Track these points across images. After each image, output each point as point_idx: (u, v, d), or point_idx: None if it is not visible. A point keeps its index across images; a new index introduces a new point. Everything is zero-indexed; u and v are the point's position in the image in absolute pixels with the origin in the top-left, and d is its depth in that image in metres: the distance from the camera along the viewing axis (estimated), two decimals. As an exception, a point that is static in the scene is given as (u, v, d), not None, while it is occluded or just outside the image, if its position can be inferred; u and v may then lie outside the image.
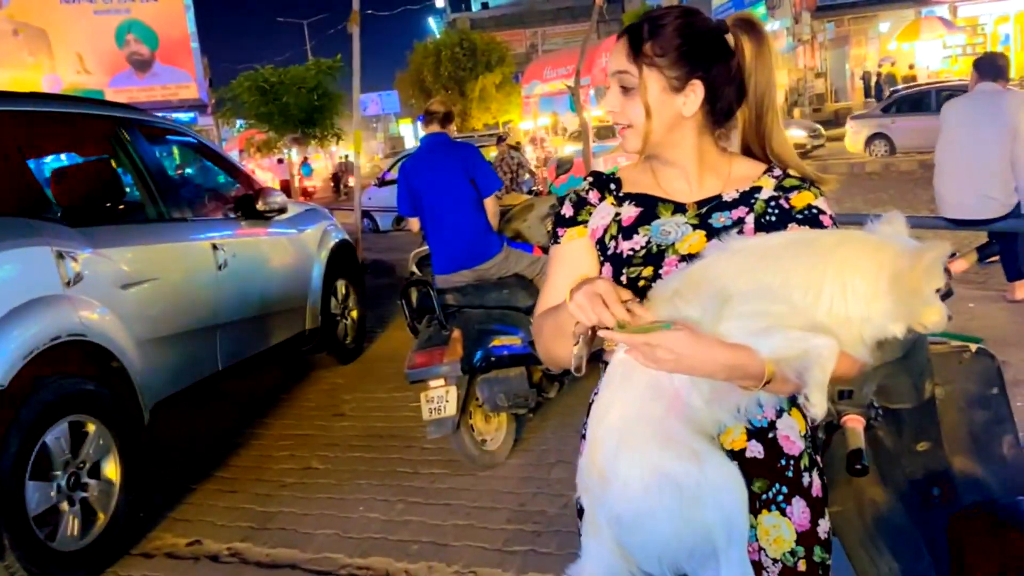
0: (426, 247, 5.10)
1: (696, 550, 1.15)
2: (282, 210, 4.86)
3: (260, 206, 4.65)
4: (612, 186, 1.37)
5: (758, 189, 1.30)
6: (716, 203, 1.30)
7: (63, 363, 2.98)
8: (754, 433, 1.25)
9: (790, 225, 1.25)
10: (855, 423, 1.59)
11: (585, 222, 1.36)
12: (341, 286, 5.50)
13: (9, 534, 2.62)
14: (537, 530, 3.00)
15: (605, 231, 1.34)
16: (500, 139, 10.81)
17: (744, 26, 1.28)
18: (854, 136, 16.04)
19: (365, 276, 6.67)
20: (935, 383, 1.73)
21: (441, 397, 3.38)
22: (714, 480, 1.13)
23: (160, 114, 5.44)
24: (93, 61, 19.24)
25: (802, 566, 1.25)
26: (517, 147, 10.99)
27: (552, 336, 1.28)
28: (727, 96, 1.27)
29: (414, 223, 4.15)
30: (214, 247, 4.11)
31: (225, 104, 23.04)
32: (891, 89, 19.19)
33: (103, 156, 4.14)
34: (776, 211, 1.27)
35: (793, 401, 1.26)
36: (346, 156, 25.97)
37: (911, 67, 22.95)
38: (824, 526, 1.28)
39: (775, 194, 1.29)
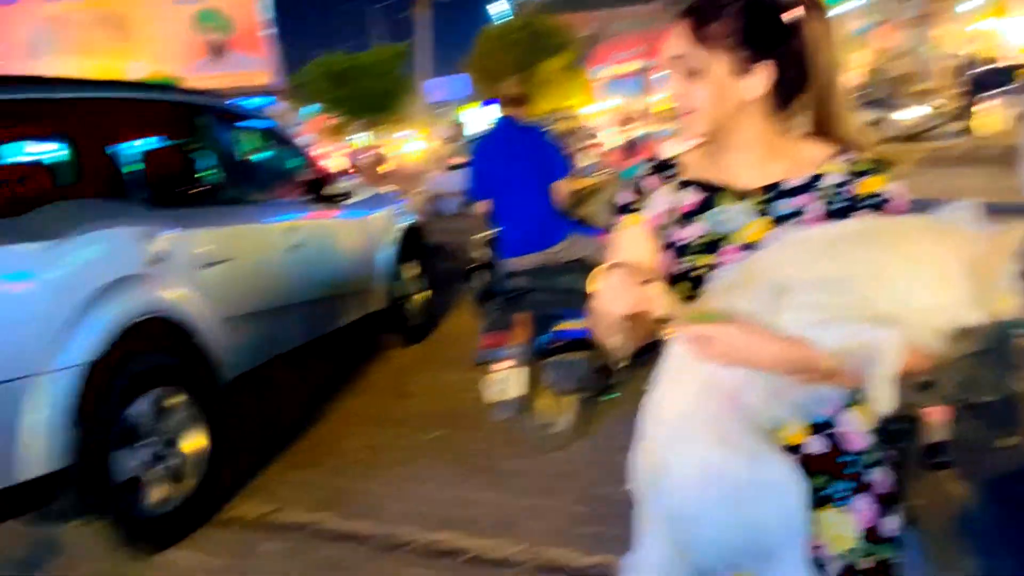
0: (492, 231, 5.13)
1: (752, 548, 1.13)
2: (351, 194, 4.96)
3: (331, 190, 4.76)
4: (672, 171, 1.34)
5: (825, 174, 1.24)
6: (780, 189, 1.25)
7: (149, 339, 3.12)
8: (814, 428, 1.21)
9: (857, 212, 1.20)
10: (937, 416, 1.54)
11: (641, 209, 1.34)
12: (408, 268, 5.59)
13: (101, 498, 2.78)
14: (604, 513, 3.00)
15: (662, 219, 1.31)
16: (569, 133, 10.76)
17: (808, 4, 1.22)
18: (1005, 113, 13.84)
19: (432, 259, 6.76)
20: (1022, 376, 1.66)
21: (506, 379, 3.42)
22: (770, 478, 1.11)
23: (235, 100, 5.60)
24: (172, 49, 19.90)
25: (865, 564, 1.22)
26: (575, 133, 10.91)
27: (597, 326, 1.25)
28: (793, 77, 1.22)
29: (483, 206, 4.19)
30: (287, 229, 4.23)
31: (298, 90, 23.57)
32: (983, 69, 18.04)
33: (183, 141, 4.30)
34: (843, 197, 1.22)
35: (859, 395, 1.19)
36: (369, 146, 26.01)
37: (995, 47, 21.73)
38: (891, 524, 1.24)
39: (843, 179, 1.23)
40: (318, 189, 4.75)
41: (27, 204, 2.97)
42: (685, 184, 1.31)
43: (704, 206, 1.29)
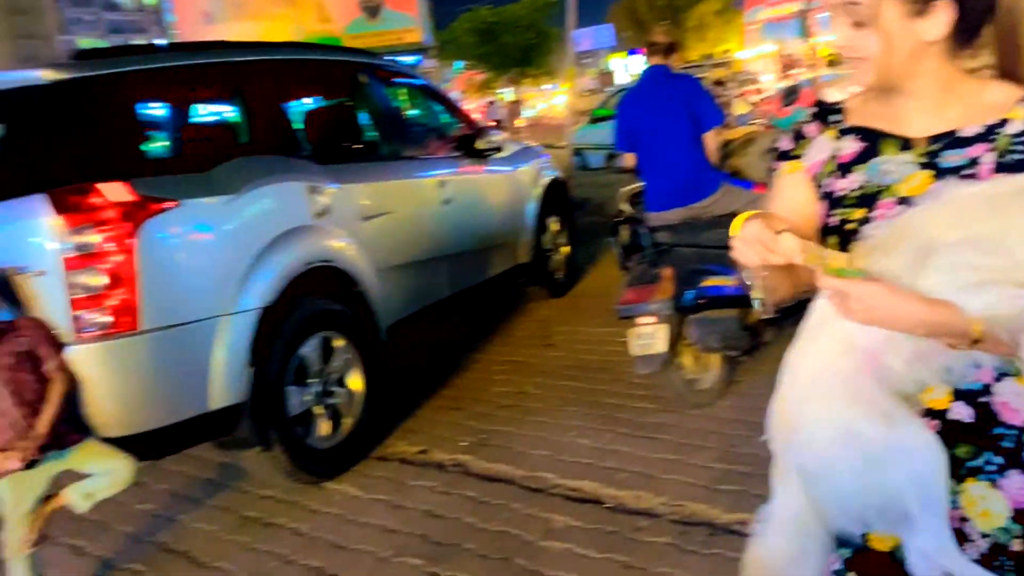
0: (638, 184, 5.06)
1: (885, 511, 1.10)
2: (500, 149, 5.05)
3: (480, 145, 4.87)
4: (835, 117, 1.26)
5: (1006, 122, 1.12)
6: (952, 139, 1.14)
7: (315, 286, 3.37)
8: (963, 395, 1.13)
9: None
10: None
11: (800, 156, 1.28)
12: (553, 222, 5.65)
13: (275, 430, 3.07)
14: (748, 472, 2.97)
15: (822, 167, 1.24)
16: (717, 82, 10.32)
17: None
18: None
19: (575, 213, 6.78)
20: None
21: (650, 334, 3.41)
22: (904, 443, 1.08)
23: (388, 58, 5.81)
24: (331, 10, 20.69)
25: (1017, 545, 1.13)
26: (729, 80, 10.42)
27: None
28: (977, 9, 1.10)
29: (629, 158, 4.13)
30: (440, 184, 4.38)
31: (446, 46, 24.00)
32: None
33: (344, 99, 4.53)
34: (1020, 149, 1.10)
35: (1020, 364, 1.09)
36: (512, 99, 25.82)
37: None
38: None
39: (1012, 126, 1.11)
40: (469, 144, 4.87)
41: (210, 161, 3.26)
42: (847, 131, 1.23)
43: (865, 155, 1.21)
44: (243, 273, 2.99)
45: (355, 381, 3.50)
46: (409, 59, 20.35)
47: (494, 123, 8.03)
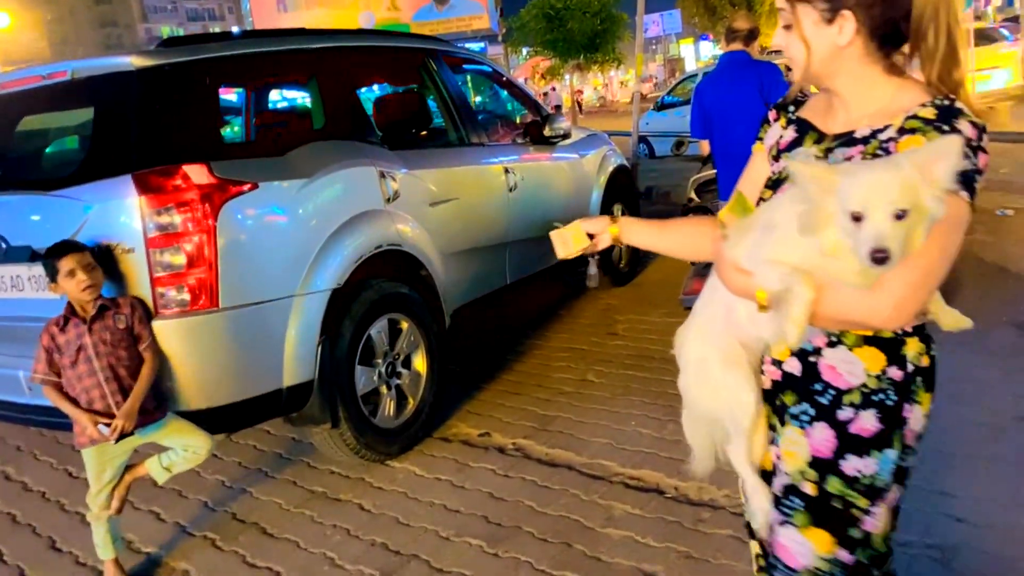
0: (706, 172, 4.99)
1: (716, 427, 1.45)
2: (567, 135, 5.04)
3: (547, 132, 4.86)
4: (791, 108, 1.42)
5: (888, 127, 1.21)
6: (847, 138, 1.26)
7: (383, 269, 3.43)
8: (798, 353, 1.32)
9: None
10: None
11: (762, 139, 1.47)
12: (618, 210, 5.61)
13: (344, 408, 3.16)
14: (812, 467, 2.92)
15: (770, 151, 1.42)
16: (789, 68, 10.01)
17: None
18: None
19: (640, 201, 6.71)
20: None
21: (717, 325, 3.36)
22: (729, 382, 1.38)
23: (458, 44, 5.84)
24: (400, -3, 20.84)
25: (808, 488, 1.31)
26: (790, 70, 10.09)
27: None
28: (888, 19, 1.20)
29: (704, 145, 4.07)
30: (505, 170, 4.40)
31: (514, 33, 23.96)
32: None
33: (414, 85, 4.59)
34: (883, 154, 1.18)
35: (870, 340, 1.26)
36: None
37: None
38: (857, 465, 1.28)
39: (893, 135, 1.19)
40: (536, 131, 4.87)
41: (286, 145, 3.36)
42: (792, 121, 1.40)
43: (793, 144, 1.36)
44: (315, 255, 3.07)
45: (420, 363, 3.56)
46: (476, 46, 20.43)
47: (553, 109, 8.03)
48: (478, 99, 5.48)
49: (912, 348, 1.27)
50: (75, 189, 2.79)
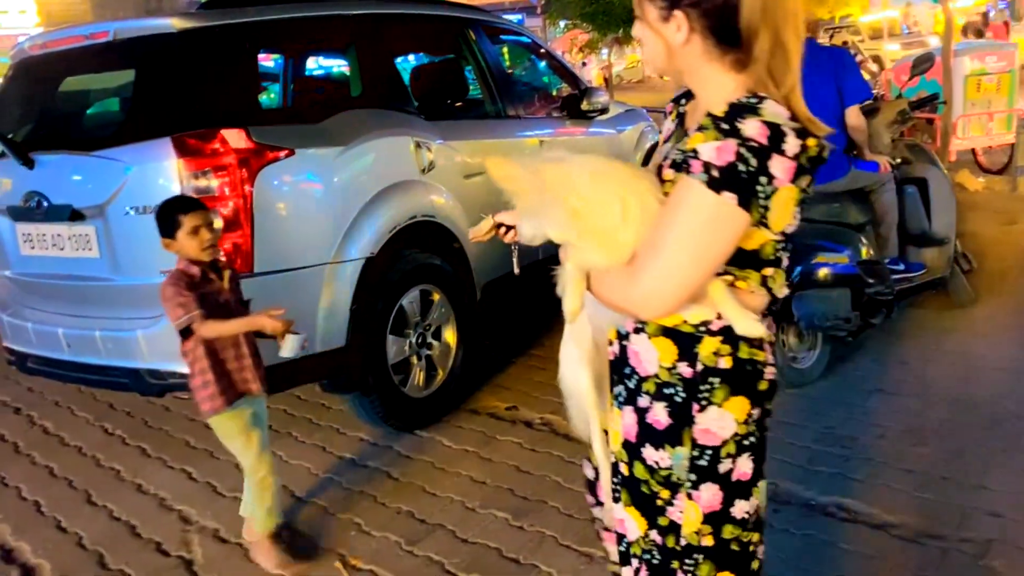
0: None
1: (581, 404, 1.49)
2: (604, 110, 4.96)
3: (585, 106, 4.78)
4: (683, 100, 1.41)
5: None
6: (685, 133, 1.32)
7: (416, 240, 3.42)
8: (619, 336, 1.37)
9: (685, 165, 1.18)
10: None
11: (662, 131, 1.50)
12: (655, 188, 5.52)
13: (374, 376, 3.17)
14: (845, 454, 2.88)
15: (662, 142, 1.45)
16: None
17: None
18: None
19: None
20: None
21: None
22: (571, 357, 1.49)
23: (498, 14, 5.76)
24: (439, -34, 20.58)
25: (624, 469, 1.37)
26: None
27: None
28: (725, 21, 1.20)
29: None
30: (541, 144, 4.35)
31: (552, 4, 23.62)
32: None
33: (452, 55, 4.54)
34: (680, 150, 1.23)
35: (669, 332, 1.27)
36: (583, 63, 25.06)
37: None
38: (654, 456, 1.30)
39: (689, 133, 1.25)
40: (574, 105, 4.80)
41: (323, 112, 3.34)
42: (680, 115, 1.40)
43: (671, 137, 1.39)
44: (350, 224, 3.07)
45: (450, 335, 3.56)
46: (513, 17, 20.17)
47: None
48: (516, 71, 5.40)
49: (707, 347, 1.25)
50: (116, 150, 2.81)
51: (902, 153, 4.00)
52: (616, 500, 1.40)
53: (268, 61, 4.70)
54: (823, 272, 3.34)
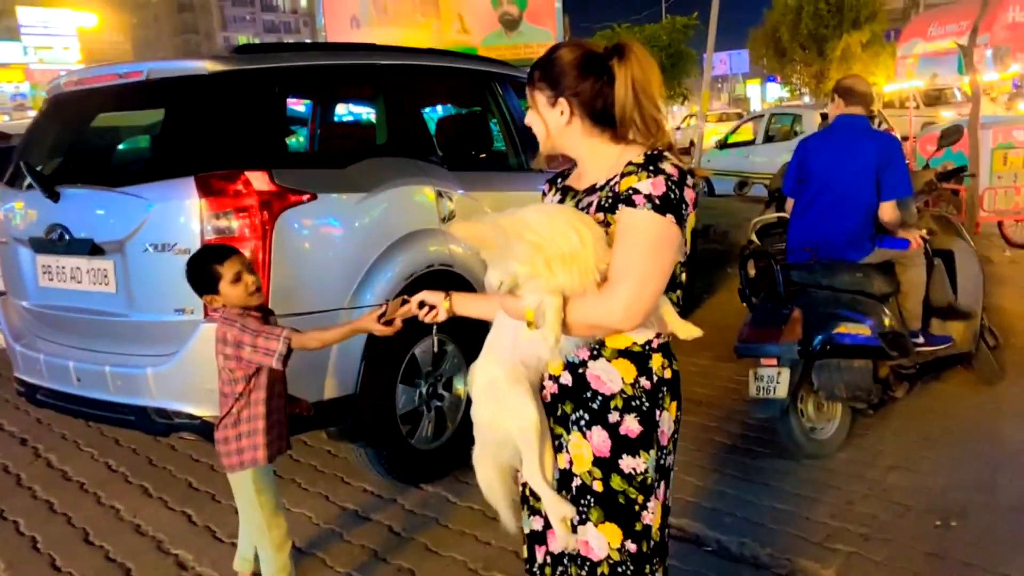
0: (769, 215, 4.85)
1: (505, 445, 1.58)
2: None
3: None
4: (559, 180, 1.71)
5: (614, 177, 1.51)
6: (590, 189, 1.56)
7: (432, 288, 3.38)
8: (568, 366, 1.56)
9: (619, 206, 1.46)
10: None
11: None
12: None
13: (382, 426, 3.12)
14: (865, 533, 2.77)
15: None
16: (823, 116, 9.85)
17: (613, 51, 1.53)
18: None
19: (697, 239, 6.58)
20: None
21: (772, 377, 3.23)
22: (514, 401, 1.53)
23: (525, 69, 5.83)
24: (471, 21, 21.19)
25: (598, 486, 1.53)
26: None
27: None
28: (601, 104, 1.53)
29: (790, 204, 3.90)
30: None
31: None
32: None
33: (477, 107, 4.58)
34: (610, 194, 1.50)
35: (624, 354, 1.52)
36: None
37: None
38: (631, 463, 1.51)
39: (615, 179, 1.49)
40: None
41: (347, 158, 3.36)
42: (560, 188, 1.68)
43: (562, 201, 1.64)
44: (367, 270, 3.06)
45: (462, 387, 3.51)
46: (541, 73, 20.47)
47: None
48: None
49: (656, 362, 1.55)
50: (140, 187, 2.83)
51: (928, 224, 3.94)
52: (583, 522, 1.54)
53: (297, 105, 4.78)
54: (846, 342, 3.26)
